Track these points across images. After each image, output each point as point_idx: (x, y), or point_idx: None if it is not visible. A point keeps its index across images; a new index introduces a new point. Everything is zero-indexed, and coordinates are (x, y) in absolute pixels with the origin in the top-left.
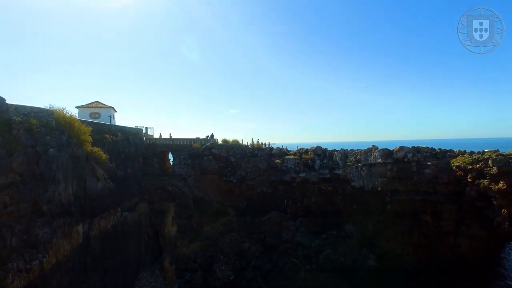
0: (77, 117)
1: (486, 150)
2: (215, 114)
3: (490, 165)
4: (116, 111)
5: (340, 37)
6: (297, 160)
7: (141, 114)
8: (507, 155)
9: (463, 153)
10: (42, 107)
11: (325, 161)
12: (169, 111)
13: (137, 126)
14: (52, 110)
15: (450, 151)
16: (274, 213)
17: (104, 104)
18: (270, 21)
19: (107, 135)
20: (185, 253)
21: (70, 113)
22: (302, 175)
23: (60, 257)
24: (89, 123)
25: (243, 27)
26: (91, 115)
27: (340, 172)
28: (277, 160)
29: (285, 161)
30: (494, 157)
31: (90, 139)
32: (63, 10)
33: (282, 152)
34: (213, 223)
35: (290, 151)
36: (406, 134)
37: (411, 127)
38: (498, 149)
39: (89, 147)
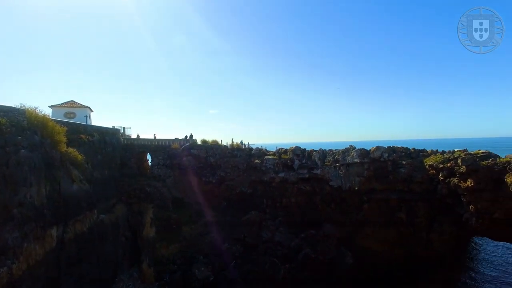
0: (50, 117)
1: (456, 150)
2: (194, 115)
3: (460, 163)
4: (92, 111)
5: (329, 36)
6: (276, 160)
7: (119, 114)
8: (474, 154)
9: (435, 152)
10: (13, 106)
11: (304, 161)
12: (147, 111)
13: (114, 127)
14: (23, 109)
15: (424, 150)
16: (253, 213)
17: (80, 104)
18: (256, 22)
19: (83, 136)
20: (164, 254)
21: (43, 112)
22: (281, 175)
23: (31, 262)
24: (63, 123)
25: (225, 28)
26: (66, 114)
27: (318, 172)
28: (257, 160)
29: (265, 161)
30: (463, 156)
31: (65, 139)
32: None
33: (261, 153)
34: (192, 224)
35: (269, 151)
36: (385, 134)
37: (390, 127)
38: (466, 149)
39: (63, 148)
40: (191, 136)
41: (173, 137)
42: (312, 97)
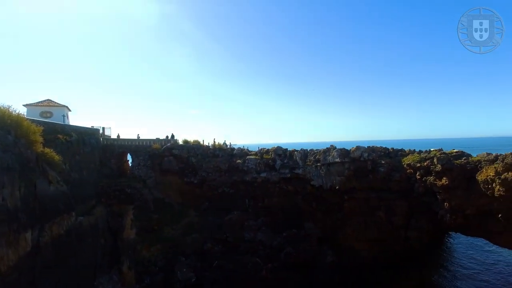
0: (25, 116)
1: (432, 149)
2: (175, 115)
3: (435, 163)
4: (70, 110)
5: (323, 36)
6: (258, 160)
7: (98, 115)
8: (449, 153)
9: (412, 152)
10: None
11: (285, 161)
12: (129, 111)
13: (93, 126)
14: None
15: (402, 150)
16: (235, 213)
17: (57, 103)
18: (235, 22)
19: (60, 136)
20: (145, 256)
21: (17, 111)
22: (263, 175)
23: (3, 268)
24: (39, 123)
25: (205, 27)
26: (42, 114)
27: (300, 171)
28: (238, 161)
29: (246, 161)
30: (438, 155)
31: (41, 139)
32: None
33: (243, 153)
34: (174, 225)
35: (251, 151)
36: (362, 135)
37: (366, 128)
38: (442, 148)
39: (39, 148)
40: (172, 136)
41: (154, 137)
42: (294, 97)
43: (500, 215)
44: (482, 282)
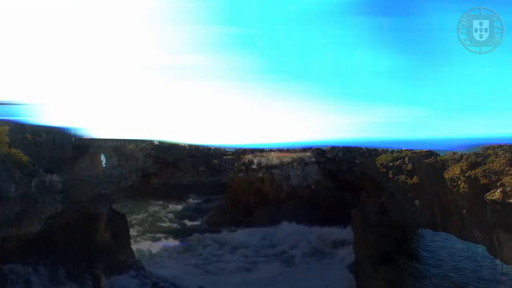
0: None
1: (403, 149)
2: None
3: (407, 162)
4: (39, 108)
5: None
6: (235, 160)
7: (74, 113)
8: (419, 152)
9: (386, 151)
10: None
11: (262, 161)
12: (106, 109)
13: (65, 125)
14: None
15: (375, 150)
16: (212, 213)
17: (25, 100)
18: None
19: (28, 135)
20: (119, 259)
21: None
22: (240, 175)
23: None
24: (5, 121)
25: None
26: (7, 111)
27: (277, 171)
28: (215, 161)
29: (223, 162)
30: (410, 154)
31: (7, 139)
32: None
33: (220, 153)
34: (150, 227)
35: (228, 151)
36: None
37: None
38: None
39: (5, 149)
40: (149, 135)
41: (130, 137)
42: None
43: (464, 211)
44: (448, 277)
